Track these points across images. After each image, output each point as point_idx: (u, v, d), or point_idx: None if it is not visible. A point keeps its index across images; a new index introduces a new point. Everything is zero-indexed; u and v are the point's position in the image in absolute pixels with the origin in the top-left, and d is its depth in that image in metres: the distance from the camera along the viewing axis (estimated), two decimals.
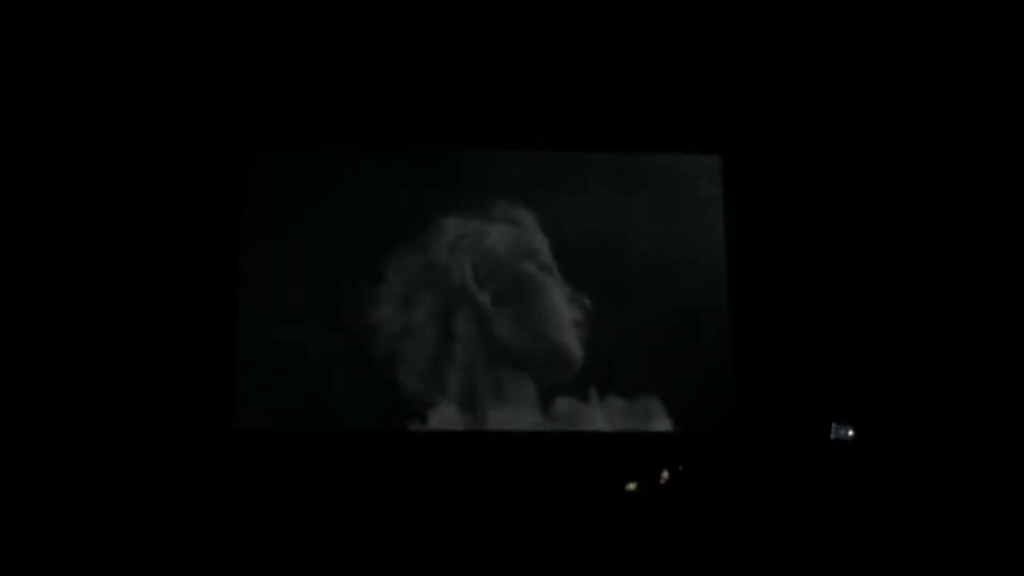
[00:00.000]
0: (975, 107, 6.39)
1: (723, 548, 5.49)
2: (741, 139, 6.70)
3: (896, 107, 6.50)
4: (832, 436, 5.95)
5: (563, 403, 6.37)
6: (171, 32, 6.29)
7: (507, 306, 6.49)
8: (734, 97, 6.65)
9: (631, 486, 5.74)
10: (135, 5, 6.18)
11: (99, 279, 6.16)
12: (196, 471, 5.92)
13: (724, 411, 6.40)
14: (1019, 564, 5.39)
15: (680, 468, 5.85)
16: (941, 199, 6.42)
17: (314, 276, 6.41)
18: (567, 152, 6.69)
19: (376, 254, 6.45)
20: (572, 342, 6.45)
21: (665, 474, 5.73)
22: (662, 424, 6.36)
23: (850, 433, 5.93)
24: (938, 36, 6.33)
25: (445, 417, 6.31)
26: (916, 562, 5.42)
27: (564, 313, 6.48)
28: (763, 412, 6.33)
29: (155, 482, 5.83)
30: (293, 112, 6.49)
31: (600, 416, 6.35)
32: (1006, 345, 6.11)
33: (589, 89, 6.57)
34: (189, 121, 6.39)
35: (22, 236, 6.13)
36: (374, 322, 6.38)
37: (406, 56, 6.45)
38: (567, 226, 6.57)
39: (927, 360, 6.13)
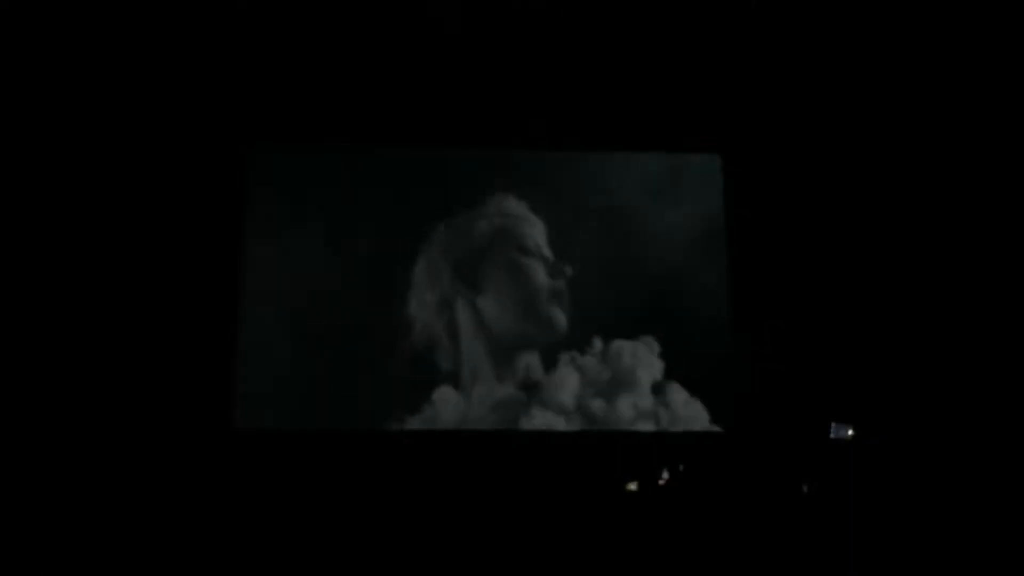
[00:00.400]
0: (975, 107, 6.39)
1: (723, 548, 5.49)
2: (741, 139, 6.70)
3: (896, 107, 6.50)
4: (832, 436, 5.95)
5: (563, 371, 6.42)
6: (171, 33, 6.29)
7: (499, 297, 6.50)
8: (734, 97, 6.65)
9: (631, 486, 5.74)
10: (135, 6, 6.19)
11: (99, 280, 6.16)
12: (197, 471, 5.92)
13: (724, 411, 6.41)
14: (1019, 564, 5.38)
15: (680, 468, 5.85)
16: (941, 199, 6.42)
17: (313, 276, 6.42)
18: (567, 152, 6.70)
19: (376, 253, 6.47)
20: (559, 316, 6.48)
21: (665, 474, 5.73)
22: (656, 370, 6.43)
23: (850, 433, 5.92)
24: (938, 36, 6.33)
25: (448, 406, 6.34)
26: (916, 562, 5.42)
27: (548, 290, 6.49)
28: (763, 412, 6.33)
29: (155, 482, 5.83)
30: (293, 112, 6.50)
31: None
32: (1006, 345, 6.12)
33: (589, 89, 6.57)
34: (189, 122, 6.39)
35: (23, 237, 6.13)
36: (373, 321, 6.39)
37: (406, 56, 6.45)
38: (566, 226, 6.58)
39: (927, 360, 6.13)
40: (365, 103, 6.52)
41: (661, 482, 5.68)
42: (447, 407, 6.37)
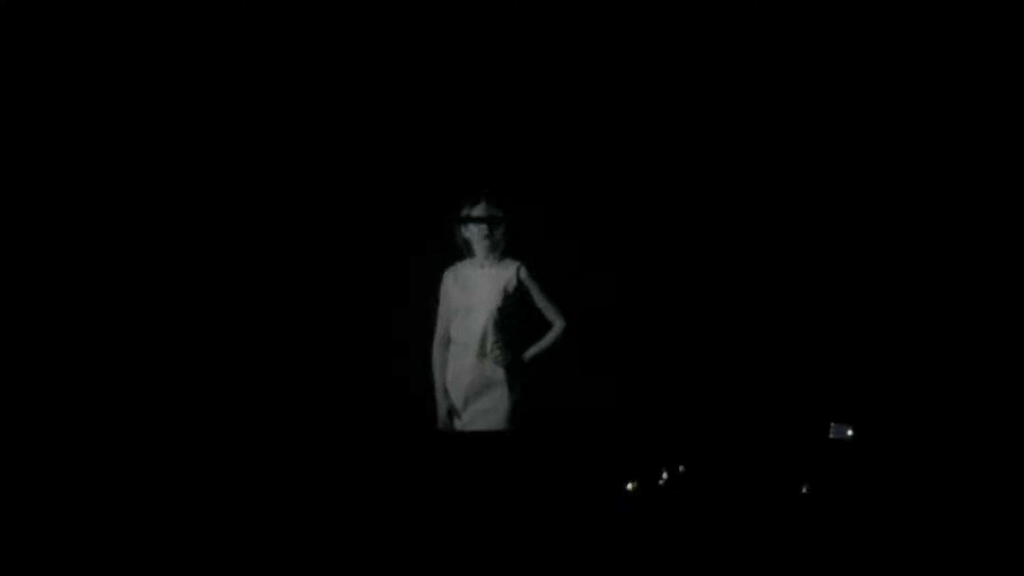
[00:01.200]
0: (976, 108, 6.38)
1: (722, 548, 5.51)
2: (741, 138, 6.69)
3: (897, 108, 6.49)
4: (832, 436, 5.96)
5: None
6: (169, 31, 6.30)
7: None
8: (733, 97, 6.64)
9: (631, 486, 5.76)
10: (133, 4, 6.20)
11: (100, 281, 6.19)
12: (199, 471, 5.96)
13: (724, 411, 6.41)
14: (1019, 564, 5.40)
15: (680, 468, 5.87)
16: (942, 197, 6.42)
17: (314, 276, 6.44)
18: (565, 151, 6.69)
19: (376, 254, 6.48)
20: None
21: (665, 475, 5.75)
22: None
23: (850, 433, 5.93)
24: (938, 38, 6.32)
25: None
26: (917, 563, 5.44)
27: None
28: (763, 412, 6.33)
29: (159, 482, 5.87)
30: (294, 112, 6.50)
31: None
32: (1006, 345, 6.13)
33: (589, 89, 6.57)
34: (188, 121, 6.40)
35: (24, 240, 6.17)
36: (374, 321, 6.41)
37: (406, 56, 6.46)
38: (564, 226, 6.58)
39: (927, 360, 6.14)
40: (364, 103, 6.52)
41: (660, 483, 5.70)
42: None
